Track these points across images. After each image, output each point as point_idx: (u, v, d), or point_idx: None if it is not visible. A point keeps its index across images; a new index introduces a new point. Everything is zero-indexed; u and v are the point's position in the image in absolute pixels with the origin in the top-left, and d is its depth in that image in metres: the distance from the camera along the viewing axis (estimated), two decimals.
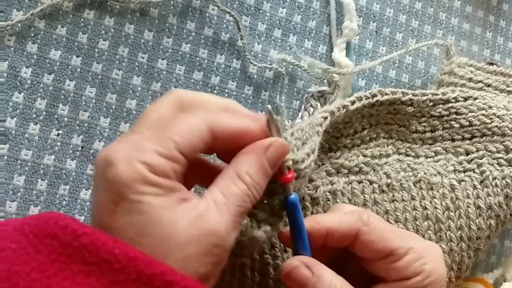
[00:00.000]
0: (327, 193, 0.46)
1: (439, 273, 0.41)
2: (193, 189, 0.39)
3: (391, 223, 0.47)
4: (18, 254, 0.28)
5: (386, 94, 0.48)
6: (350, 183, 0.47)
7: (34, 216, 0.30)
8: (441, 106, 0.51)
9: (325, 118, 0.44)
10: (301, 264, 0.37)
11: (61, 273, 0.27)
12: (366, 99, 0.47)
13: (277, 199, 0.37)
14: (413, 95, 0.50)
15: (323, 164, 0.47)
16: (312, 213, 0.45)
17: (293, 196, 0.37)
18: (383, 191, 0.48)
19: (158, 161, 0.30)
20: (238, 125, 0.34)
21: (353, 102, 0.46)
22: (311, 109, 0.52)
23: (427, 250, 0.42)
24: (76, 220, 0.29)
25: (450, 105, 0.51)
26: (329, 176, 0.47)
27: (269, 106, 0.34)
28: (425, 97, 0.50)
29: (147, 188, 0.30)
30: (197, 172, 0.35)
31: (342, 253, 0.42)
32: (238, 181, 0.32)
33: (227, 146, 0.34)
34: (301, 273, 0.37)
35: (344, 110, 0.46)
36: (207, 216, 0.31)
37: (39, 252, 0.28)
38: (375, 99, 0.48)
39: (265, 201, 0.36)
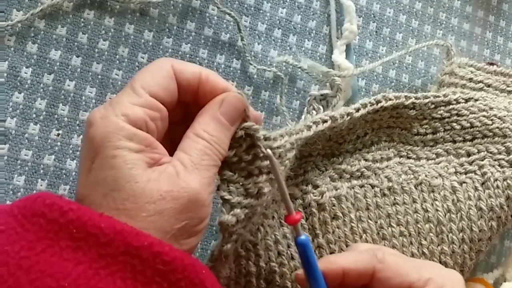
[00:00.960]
0: (332, 198, 0.46)
1: None
2: None
3: (392, 226, 0.47)
4: (8, 235, 0.28)
5: (390, 99, 0.48)
6: (353, 188, 0.47)
7: (23, 198, 0.30)
8: (442, 108, 0.51)
9: (325, 121, 0.43)
10: None
11: (49, 250, 0.28)
12: (371, 105, 0.47)
13: (253, 180, 0.36)
14: (416, 98, 0.49)
15: (326, 170, 0.47)
16: (319, 219, 0.45)
17: (304, 237, 0.36)
18: (384, 194, 0.48)
19: (133, 111, 0.32)
20: (199, 68, 0.35)
21: (357, 109, 0.46)
22: (314, 112, 0.51)
23: (447, 278, 0.41)
24: (63, 198, 0.29)
25: (451, 106, 0.51)
26: (332, 181, 0.47)
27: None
28: (427, 100, 0.50)
29: (122, 142, 0.31)
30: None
31: None
32: (198, 139, 0.33)
33: (195, 93, 0.35)
34: None
35: (349, 117, 0.45)
36: (176, 175, 0.31)
37: (27, 231, 0.28)
38: (379, 105, 0.47)
39: (240, 184, 0.36)
